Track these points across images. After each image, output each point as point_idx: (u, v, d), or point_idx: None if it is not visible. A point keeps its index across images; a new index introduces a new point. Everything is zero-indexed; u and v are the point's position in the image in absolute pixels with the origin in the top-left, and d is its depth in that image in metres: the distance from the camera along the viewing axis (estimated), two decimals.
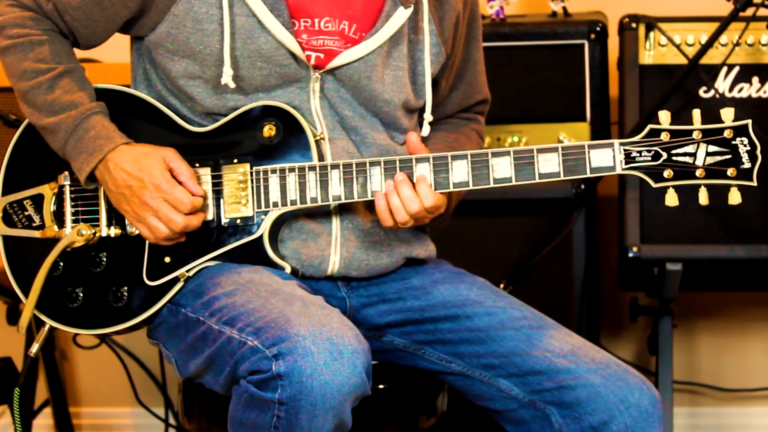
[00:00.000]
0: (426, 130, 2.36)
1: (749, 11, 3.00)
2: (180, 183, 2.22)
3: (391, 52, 2.30)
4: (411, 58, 2.34)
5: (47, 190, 2.35)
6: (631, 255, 3.04)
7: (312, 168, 2.23)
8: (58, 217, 2.34)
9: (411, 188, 2.20)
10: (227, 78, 2.23)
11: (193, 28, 2.23)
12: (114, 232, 2.30)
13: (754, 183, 2.13)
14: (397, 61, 2.31)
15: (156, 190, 2.20)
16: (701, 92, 3.09)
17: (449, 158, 2.20)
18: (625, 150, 2.15)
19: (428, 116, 2.35)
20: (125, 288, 2.29)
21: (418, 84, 2.35)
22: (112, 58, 3.17)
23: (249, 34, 2.22)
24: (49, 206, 2.35)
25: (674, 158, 2.14)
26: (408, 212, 2.19)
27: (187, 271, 2.27)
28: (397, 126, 2.34)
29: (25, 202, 2.36)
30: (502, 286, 3.15)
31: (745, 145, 2.13)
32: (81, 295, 2.32)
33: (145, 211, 2.22)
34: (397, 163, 2.20)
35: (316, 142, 2.25)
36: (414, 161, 2.20)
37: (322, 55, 2.27)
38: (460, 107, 2.51)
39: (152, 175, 2.21)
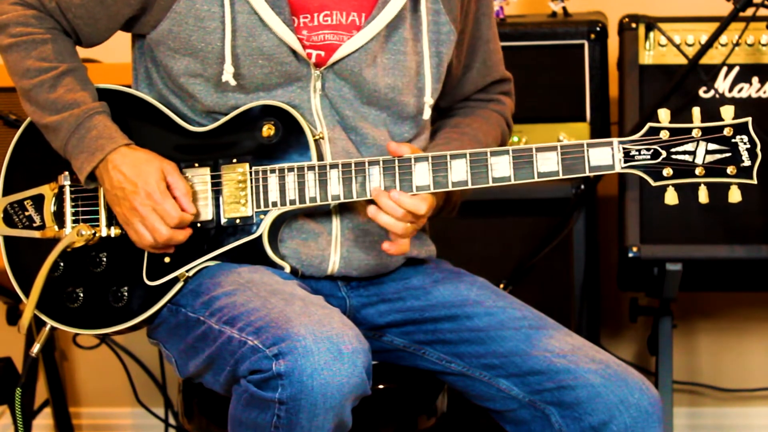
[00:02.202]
0: (427, 113, 2.34)
1: (749, 11, 3.00)
2: (174, 198, 2.22)
3: (391, 37, 2.28)
4: (414, 41, 2.32)
5: (47, 191, 2.35)
6: (631, 255, 3.04)
7: (311, 168, 2.23)
8: (59, 218, 2.34)
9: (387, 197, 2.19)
10: (228, 75, 2.23)
11: (195, 26, 2.23)
12: (114, 232, 2.30)
13: (755, 181, 2.11)
14: (397, 46, 2.29)
15: (147, 197, 2.20)
16: (701, 92, 3.09)
17: (448, 157, 2.19)
18: (624, 148, 2.14)
19: (428, 99, 2.32)
20: (125, 288, 2.29)
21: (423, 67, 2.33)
22: (112, 58, 3.17)
23: (250, 31, 2.22)
24: (49, 206, 2.35)
25: (674, 156, 2.13)
26: (395, 216, 2.18)
27: (187, 271, 2.27)
28: (404, 115, 2.32)
29: (25, 203, 2.36)
30: (502, 286, 3.15)
31: (744, 143, 2.12)
32: (81, 295, 2.32)
33: (133, 216, 2.22)
34: (396, 162, 2.20)
35: (315, 141, 2.25)
36: (413, 161, 2.20)
37: (323, 53, 2.26)
38: (476, 87, 2.47)
39: (147, 182, 2.21)
